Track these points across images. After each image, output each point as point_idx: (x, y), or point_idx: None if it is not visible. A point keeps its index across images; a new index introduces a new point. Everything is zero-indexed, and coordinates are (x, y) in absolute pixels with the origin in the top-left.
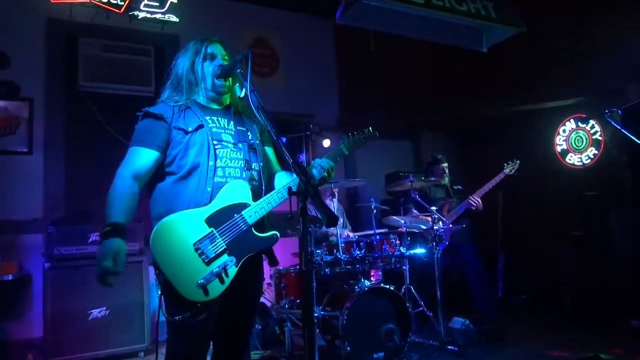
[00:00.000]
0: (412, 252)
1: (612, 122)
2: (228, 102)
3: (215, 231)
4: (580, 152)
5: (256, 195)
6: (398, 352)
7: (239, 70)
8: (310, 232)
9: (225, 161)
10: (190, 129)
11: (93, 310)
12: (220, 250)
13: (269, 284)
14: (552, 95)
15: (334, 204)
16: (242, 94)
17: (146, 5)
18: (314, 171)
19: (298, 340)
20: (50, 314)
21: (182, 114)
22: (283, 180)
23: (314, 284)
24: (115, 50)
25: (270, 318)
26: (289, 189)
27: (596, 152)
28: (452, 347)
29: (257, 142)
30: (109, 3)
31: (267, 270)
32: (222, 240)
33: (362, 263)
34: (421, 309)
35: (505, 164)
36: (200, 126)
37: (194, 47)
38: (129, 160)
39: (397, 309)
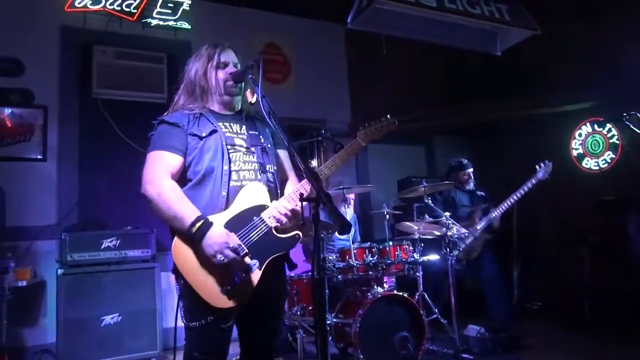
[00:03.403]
0: (425, 258)
1: (631, 126)
2: (240, 107)
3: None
4: (597, 156)
5: (273, 197)
6: None
7: (250, 76)
8: (323, 238)
9: (239, 164)
10: (204, 135)
11: (105, 317)
12: (243, 254)
13: None
14: (568, 98)
15: (346, 212)
16: (254, 100)
17: (158, 13)
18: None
19: (310, 348)
20: (63, 320)
21: (197, 121)
22: (290, 186)
23: (327, 290)
24: (129, 57)
25: (282, 325)
26: (300, 195)
27: (613, 156)
28: (467, 356)
29: (270, 145)
30: (122, 11)
31: None
32: (244, 244)
33: (375, 270)
34: (435, 316)
35: (537, 167)
36: (214, 131)
37: (207, 52)
38: (155, 164)
39: (411, 317)
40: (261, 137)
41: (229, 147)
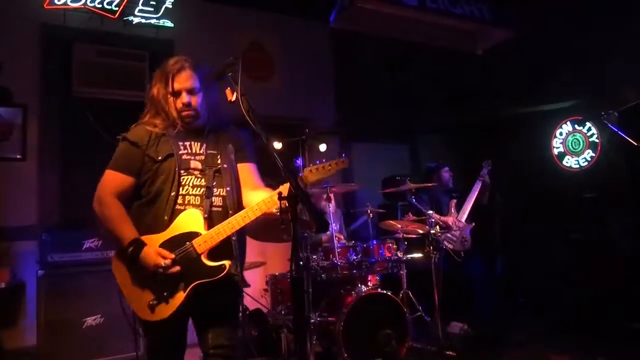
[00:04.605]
0: (409, 256)
1: (609, 125)
2: (204, 121)
3: None
4: (578, 154)
5: (221, 220)
6: (396, 357)
7: (229, 74)
8: (306, 237)
9: (187, 189)
10: (159, 158)
11: (87, 318)
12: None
13: (265, 290)
14: (549, 98)
15: (330, 209)
16: (234, 98)
17: (140, 11)
18: None
19: (295, 347)
20: (44, 322)
21: (157, 141)
22: (256, 199)
23: (310, 289)
24: (110, 55)
25: (267, 324)
26: (279, 193)
27: (593, 154)
28: (450, 352)
29: (226, 165)
30: (103, 8)
31: (264, 276)
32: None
33: (359, 268)
34: (419, 313)
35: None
36: (170, 155)
37: (165, 73)
38: (107, 183)
39: (394, 314)
40: (219, 157)
41: (182, 171)
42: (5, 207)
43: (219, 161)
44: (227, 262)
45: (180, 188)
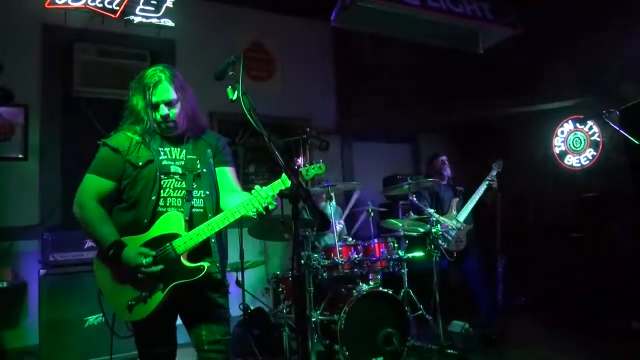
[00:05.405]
0: (410, 255)
1: (610, 123)
2: (184, 129)
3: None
4: (579, 153)
5: (200, 222)
6: (397, 356)
7: (231, 73)
8: (307, 235)
9: (168, 192)
10: (140, 164)
11: (89, 317)
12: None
13: (267, 289)
14: (550, 96)
15: (331, 208)
16: (235, 97)
17: (142, 10)
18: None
19: (296, 346)
20: (46, 321)
21: (138, 147)
22: (233, 202)
23: (312, 288)
24: (111, 55)
25: (268, 323)
26: (280, 191)
27: (595, 153)
28: (451, 351)
29: (205, 169)
30: (104, 8)
31: (265, 274)
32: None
33: (360, 267)
34: (420, 312)
35: (492, 166)
36: (150, 161)
37: (144, 85)
38: (87, 187)
39: (395, 313)
40: (198, 161)
41: (162, 175)
42: (7, 207)
43: (198, 165)
44: (206, 264)
45: (162, 191)
